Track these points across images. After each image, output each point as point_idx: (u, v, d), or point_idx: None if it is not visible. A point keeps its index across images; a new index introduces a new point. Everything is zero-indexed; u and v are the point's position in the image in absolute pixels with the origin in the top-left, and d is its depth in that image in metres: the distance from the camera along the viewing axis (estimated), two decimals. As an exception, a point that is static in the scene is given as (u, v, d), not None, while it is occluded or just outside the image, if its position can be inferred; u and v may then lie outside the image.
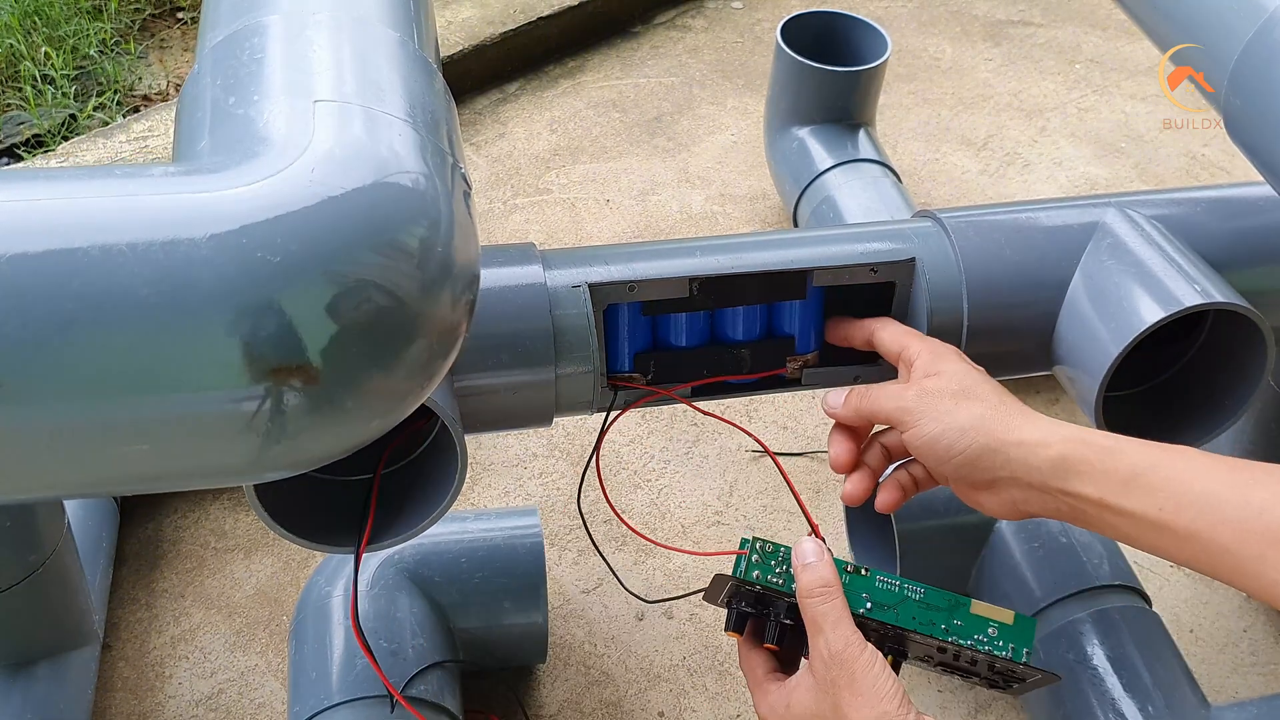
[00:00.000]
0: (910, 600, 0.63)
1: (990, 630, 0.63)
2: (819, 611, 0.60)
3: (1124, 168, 1.74)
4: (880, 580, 0.64)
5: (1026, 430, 0.62)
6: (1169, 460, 0.57)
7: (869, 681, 0.58)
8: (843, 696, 0.58)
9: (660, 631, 1.10)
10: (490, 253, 0.73)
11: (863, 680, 0.58)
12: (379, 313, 0.49)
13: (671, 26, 2.03)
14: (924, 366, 0.68)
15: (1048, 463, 0.60)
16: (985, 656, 0.62)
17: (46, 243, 0.44)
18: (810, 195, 1.41)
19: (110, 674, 1.05)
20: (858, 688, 0.58)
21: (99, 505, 1.11)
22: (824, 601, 0.60)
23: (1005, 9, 2.12)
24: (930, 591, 0.63)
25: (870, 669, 0.58)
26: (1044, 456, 0.60)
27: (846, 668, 0.58)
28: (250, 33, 0.59)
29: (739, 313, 0.77)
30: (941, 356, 0.69)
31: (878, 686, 0.58)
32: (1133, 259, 0.76)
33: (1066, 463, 0.60)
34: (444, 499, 0.66)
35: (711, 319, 0.78)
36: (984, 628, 0.63)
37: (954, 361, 0.68)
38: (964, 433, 0.63)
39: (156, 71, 1.87)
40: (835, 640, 0.59)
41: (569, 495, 1.22)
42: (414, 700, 0.85)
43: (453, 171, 0.56)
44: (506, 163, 1.70)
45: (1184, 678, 0.91)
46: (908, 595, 0.63)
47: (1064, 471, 0.60)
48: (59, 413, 0.46)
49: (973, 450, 0.63)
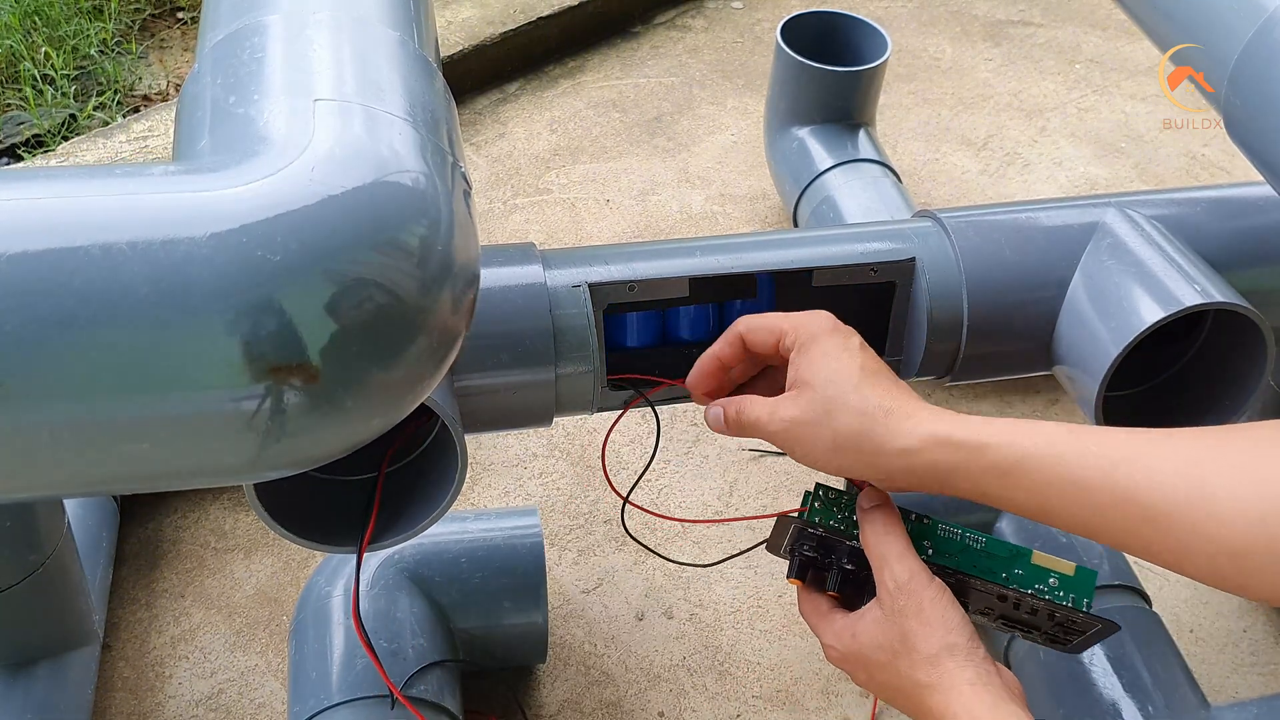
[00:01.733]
0: (971, 549, 0.63)
1: (1051, 580, 0.63)
2: (885, 543, 0.60)
3: (1124, 168, 1.74)
4: (942, 529, 0.64)
5: (897, 438, 0.60)
6: (1037, 451, 0.56)
7: (937, 612, 0.57)
8: (910, 626, 0.57)
9: (660, 631, 1.10)
10: (490, 253, 0.73)
11: (930, 610, 0.57)
12: (379, 312, 0.49)
13: (671, 26, 2.03)
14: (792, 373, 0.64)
15: (923, 468, 0.59)
16: (1045, 605, 0.62)
17: (47, 242, 0.44)
18: (810, 195, 1.41)
19: (110, 674, 1.05)
20: (925, 617, 0.57)
21: (99, 505, 1.10)
22: (888, 534, 0.60)
23: (1005, 9, 2.12)
24: (991, 541, 0.64)
25: (939, 600, 0.58)
26: (919, 463, 0.59)
27: (914, 597, 0.58)
28: (250, 32, 0.59)
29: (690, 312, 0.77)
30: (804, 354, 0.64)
31: (947, 617, 0.57)
32: (1133, 259, 0.76)
33: (939, 469, 0.59)
34: (444, 499, 0.66)
35: (663, 318, 0.78)
36: (1045, 577, 0.63)
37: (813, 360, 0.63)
38: (838, 452, 0.61)
39: (156, 71, 1.87)
40: (901, 571, 0.59)
41: (569, 495, 1.22)
42: (414, 700, 0.85)
43: (453, 171, 0.56)
44: (506, 163, 1.70)
45: (1184, 678, 0.91)
46: (969, 544, 0.64)
47: (941, 475, 0.59)
48: (59, 412, 0.46)
49: (854, 468, 0.61)
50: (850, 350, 0.64)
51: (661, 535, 1.18)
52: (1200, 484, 0.51)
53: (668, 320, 0.78)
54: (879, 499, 0.63)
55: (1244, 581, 0.50)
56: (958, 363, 0.79)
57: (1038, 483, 0.56)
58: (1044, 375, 0.82)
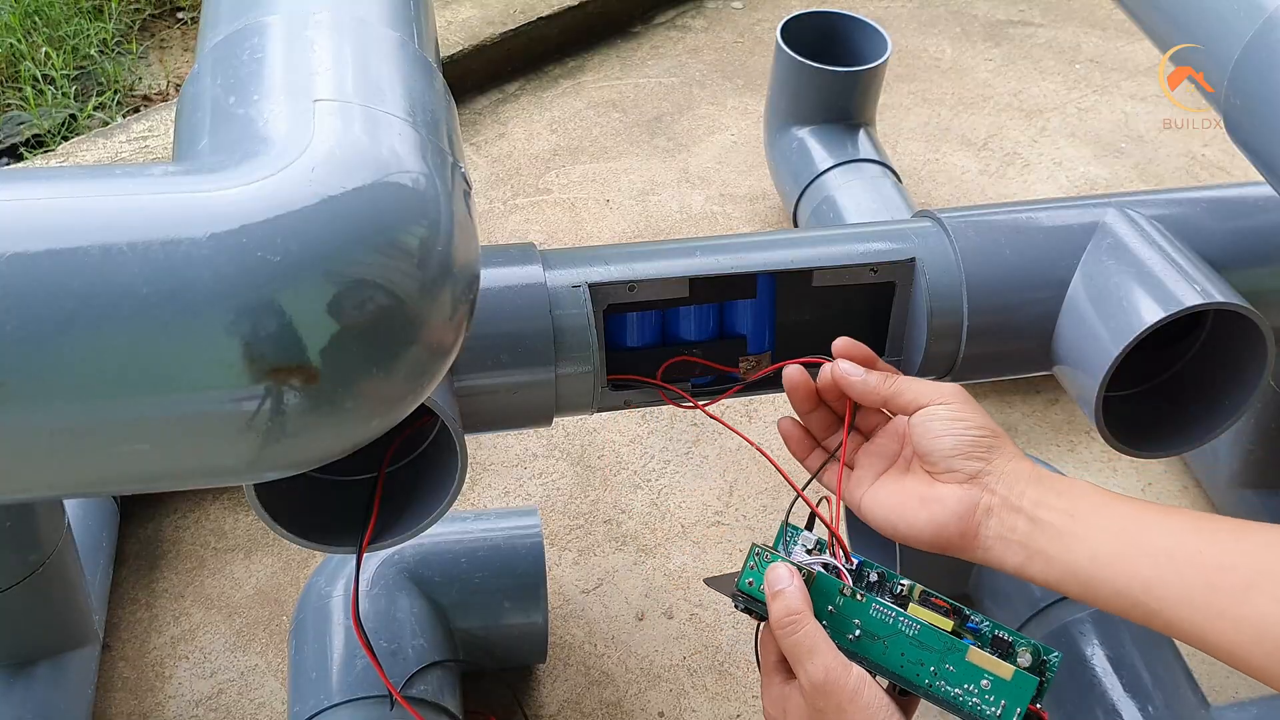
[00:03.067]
0: (903, 635, 0.60)
1: (984, 682, 0.58)
2: (793, 643, 0.58)
3: (1124, 168, 1.74)
4: (876, 609, 0.60)
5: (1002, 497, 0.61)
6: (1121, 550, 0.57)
7: (857, 711, 0.56)
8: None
9: (660, 631, 1.10)
10: (490, 253, 0.73)
11: (850, 709, 0.56)
12: (379, 312, 0.49)
13: (671, 26, 2.03)
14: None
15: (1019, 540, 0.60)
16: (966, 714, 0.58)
17: (47, 242, 0.44)
18: (810, 195, 1.41)
19: (110, 674, 1.05)
20: (847, 716, 0.56)
21: (99, 505, 1.11)
22: (794, 631, 0.58)
23: (1005, 9, 2.12)
24: (925, 629, 0.59)
25: (857, 697, 0.56)
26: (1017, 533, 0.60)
27: (832, 698, 0.56)
28: (250, 32, 0.59)
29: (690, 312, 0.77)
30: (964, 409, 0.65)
31: (869, 715, 0.55)
32: (1133, 259, 0.76)
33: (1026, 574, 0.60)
34: (444, 499, 0.66)
35: (663, 318, 0.78)
36: (977, 678, 0.58)
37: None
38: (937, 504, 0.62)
39: (156, 71, 1.87)
40: (815, 671, 0.57)
41: (569, 495, 1.22)
42: (414, 700, 0.85)
43: (453, 171, 0.56)
44: (506, 163, 1.70)
45: (1184, 678, 0.91)
46: (901, 629, 0.60)
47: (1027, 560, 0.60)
48: (59, 412, 0.46)
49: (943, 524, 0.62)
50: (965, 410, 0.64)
51: (662, 535, 1.18)
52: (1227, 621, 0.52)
53: (667, 321, 0.78)
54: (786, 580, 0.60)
55: None
56: (958, 363, 0.79)
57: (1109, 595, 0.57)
58: (1044, 375, 0.82)
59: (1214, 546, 0.54)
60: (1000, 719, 0.58)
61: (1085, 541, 0.58)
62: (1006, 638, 0.59)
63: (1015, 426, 1.32)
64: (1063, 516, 0.59)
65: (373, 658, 0.76)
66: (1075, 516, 0.59)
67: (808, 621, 0.58)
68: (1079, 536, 0.58)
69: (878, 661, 0.60)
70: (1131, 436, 0.78)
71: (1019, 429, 1.32)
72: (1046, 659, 0.59)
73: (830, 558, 0.63)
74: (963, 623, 0.60)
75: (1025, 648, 0.59)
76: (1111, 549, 0.57)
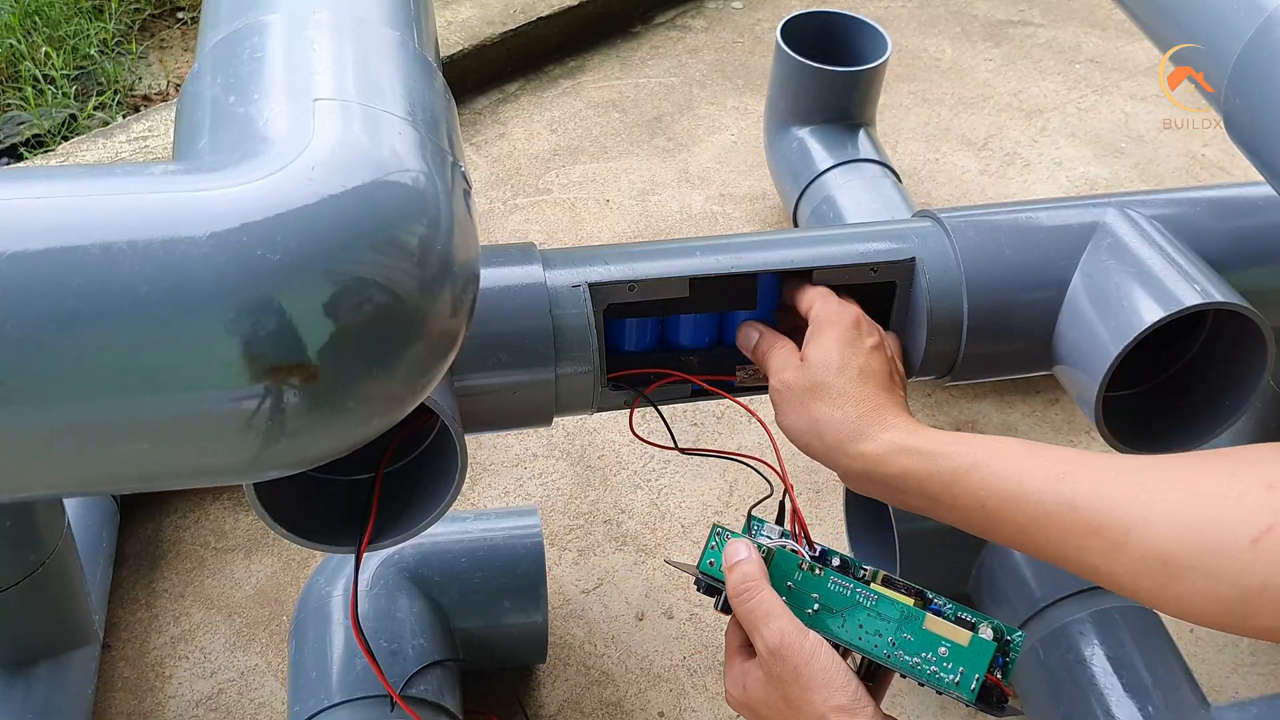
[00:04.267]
0: (861, 606, 0.60)
1: (941, 649, 0.58)
2: (748, 609, 0.59)
3: (1124, 168, 1.74)
4: (834, 582, 0.61)
5: (860, 440, 0.64)
6: (986, 459, 0.58)
7: (813, 674, 0.56)
8: (790, 691, 0.56)
9: (660, 631, 1.10)
10: (490, 253, 0.73)
11: (807, 673, 0.56)
12: (378, 311, 0.49)
13: (671, 26, 2.03)
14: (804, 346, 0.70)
15: (878, 474, 0.63)
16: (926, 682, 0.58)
17: (47, 241, 0.44)
18: (810, 195, 1.41)
19: (110, 674, 1.05)
20: (803, 682, 0.56)
21: (99, 505, 1.10)
22: (750, 597, 0.59)
23: (1005, 9, 2.12)
24: (883, 600, 0.60)
25: (813, 659, 0.56)
26: (874, 468, 0.63)
27: (788, 662, 0.57)
28: (250, 31, 0.59)
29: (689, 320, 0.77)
30: (816, 334, 0.69)
31: (827, 679, 0.56)
32: (1133, 259, 0.76)
33: (891, 474, 0.62)
34: (444, 499, 0.66)
35: (662, 324, 0.78)
36: (935, 645, 0.58)
37: (822, 345, 0.68)
38: (808, 434, 0.66)
39: (156, 71, 1.87)
40: (770, 635, 0.57)
41: (569, 495, 1.22)
42: (414, 700, 0.85)
43: (453, 170, 0.56)
44: (506, 163, 1.70)
45: (1184, 678, 0.91)
46: (859, 601, 0.60)
47: (893, 481, 0.62)
48: (59, 411, 0.46)
49: (816, 453, 0.66)
50: (858, 348, 0.68)
51: (662, 535, 1.18)
52: (1139, 489, 0.52)
53: (666, 328, 0.78)
54: (744, 552, 0.62)
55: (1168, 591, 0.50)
56: (958, 363, 0.79)
57: (984, 490, 0.58)
58: (1044, 375, 0.82)
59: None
60: (959, 685, 0.58)
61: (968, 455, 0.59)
62: (969, 618, 0.60)
63: (1015, 426, 1.32)
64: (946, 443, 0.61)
65: (371, 659, 0.76)
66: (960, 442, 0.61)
67: (763, 588, 0.60)
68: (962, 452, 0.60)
69: (837, 634, 0.60)
70: (1131, 436, 0.78)
71: (1019, 429, 1.32)
72: (1010, 638, 0.59)
73: (790, 540, 0.64)
74: (925, 604, 0.61)
75: (987, 624, 0.59)
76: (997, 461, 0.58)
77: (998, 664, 0.58)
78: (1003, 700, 0.58)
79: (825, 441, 0.65)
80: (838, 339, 0.68)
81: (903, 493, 0.62)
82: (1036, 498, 0.55)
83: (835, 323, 0.69)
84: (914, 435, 0.62)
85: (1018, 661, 0.59)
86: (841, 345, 0.68)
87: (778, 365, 0.70)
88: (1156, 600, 0.51)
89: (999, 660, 0.58)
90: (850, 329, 0.69)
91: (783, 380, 0.68)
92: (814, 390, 0.66)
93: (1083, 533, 0.53)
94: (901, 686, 1.03)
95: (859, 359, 0.67)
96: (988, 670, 0.57)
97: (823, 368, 0.67)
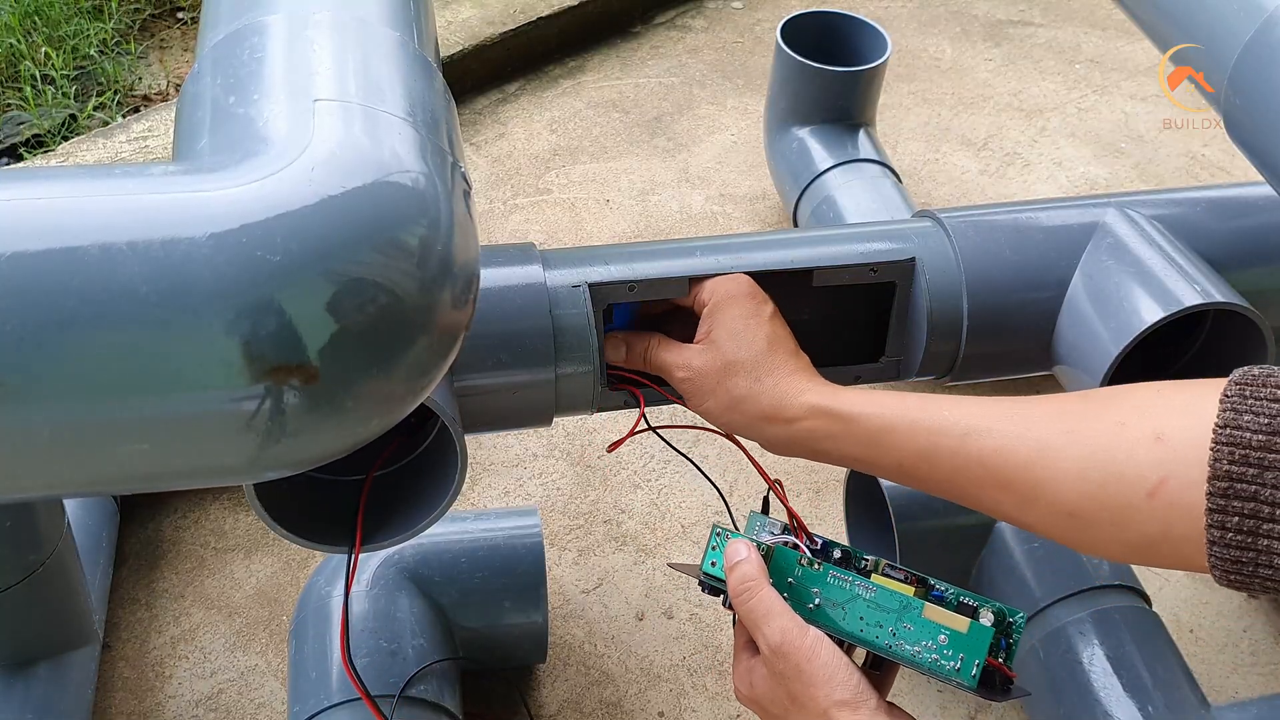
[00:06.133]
0: (860, 599, 0.60)
1: (941, 637, 0.58)
2: (748, 609, 0.60)
3: (1124, 168, 1.74)
4: (834, 576, 0.61)
5: (780, 407, 0.65)
6: (898, 423, 0.61)
7: (815, 670, 0.56)
8: (793, 687, 0.57)
9: (660, 631, 1.10)
10: (490, 253, 0.73)
11: (809, 669, 0.56)
12: (379, 312, 0.49)
13: (671, 26, 2.03)
14: (704, 327, 0.70)
15: (801, 436, 0.65)
16: (927, 672, 0.59)
17: (47, 242, 0.44)
18: (810, 195, 1.41)
19: (110, 674, 1.05)
20: (805, 678, 0.56)
21: (99, 505, 1.10)
22: (750, 597, 0.60)
23: (1005, 9, 2.12)
24: (882, 591, 0.60)
25: (814, 656, 0.57)
26: (796, 432, 0.65)
27: (790, 659, 0.57)
28: (250, 32, 0.59)
29: None
30: (716, 312, 0.70)
31: (829, 674, 0.56)
32: (1133, 259, 0.76)
33: (814, 437, 0.64)
34: (444, 499, 0.66)
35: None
36: (935, 634, 0.59)
37: (726, 322, 0.69)
38: (729, 411, 0.67)
39: (156, 71, 1.87)
40: (772, 634, 0.58)
41: (569, 495, 1.22)
42: (413, 700, 0.85)
43: (453, 171, 0.56)
44: (506, 163, 1.70)
45: (1184, 678, 0.91)
46: (858, 593, 0.61)
47: (815, 443, 0.65)
48: (59, 412, 0.46)
49: (740, 428, 0.68)
50: (760, 317, 0.69)
51: (662, 535, 1.18)
52: (1041, 450, 0.54)
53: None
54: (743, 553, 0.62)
55: (1079, 538, 0.54)
56: (958, 362, 0.79)
57: (899, 452, 0.61)
58: (1044, 375, 0.82)
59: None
60: (959, 673, 0.58)
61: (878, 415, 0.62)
62: (971, 602, 0.60)
63: (1015, 426, 1.32)
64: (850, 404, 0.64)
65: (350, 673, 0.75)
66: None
67: (763, 588, 0.60)
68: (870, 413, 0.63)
69: (839, 627, 0.61)
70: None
71: (1019, 429, 1.32)
72: (1012, 620, 0.59)
73: (790, 536, 0.64)
74: (926, 591, 0.61)
75: (988, 608, 0.59)
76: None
77: (1000, 647, 0.59)
78: (1006, 683, 0.59)
79: (748, 415, 0.67)
80: (740, 314, 0.69)
81: (825, 454, 0.65)
82: (949, 457, 0.58)
83: (733, 296, 0.70)
84: (831, 398, 0.64)
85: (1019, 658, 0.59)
86: (746, 319, 0.69)
87: (674, 359, 0.70)
88: (1072, 545, 0.55)
89: (1001, 643, 0.59)
90: (748, 300, 0.70)
91: (691, 369, 0.68)
92: (729, 368, 0.67)
93: (995, 487, 0.56)
94: (899, 688, 1.03)
95: (764, 328, 0.68)
96: (988, 654, 0.58)
97: (732, 344, 0.68)
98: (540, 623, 0.97)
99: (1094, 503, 0.52)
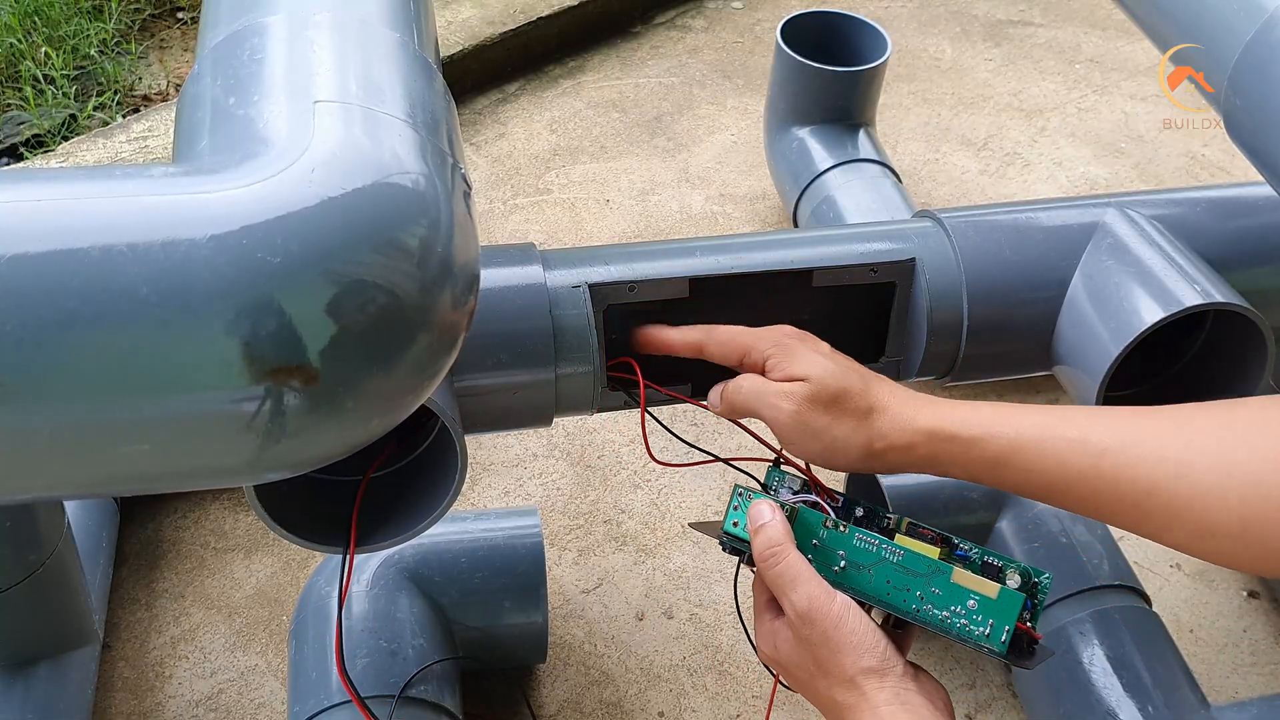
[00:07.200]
0: (888, 562, 0.60)
1: (970, 602, 0.58)
2: (776, 574, 0.59)
3: (1124, 168, 1.74)
4: (859, 538, 0.61)
5: (893, 434, 0.62)
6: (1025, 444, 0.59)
7: (843, 637, 0.56)
8: (820, 653, 0.57)
9: (660, 631, 1.10)
10: (490, 253, 0.73)
11: (836, 635, 0.56)
12: (379, 313, 0.49)
13: (671, 26, 2.03)
14: (782, 367, 0.65)
15: (920, 461, 0.62)
16: (955, 639, 0.58)
17: (47, 243, 0.44)
18: (810, 195, 1.41)
19: (110, 674, 1.05)
20: (832, 644, 0.56)
21: (99, 505, 1.11)
22: (777, 563, 0.59)
23: (1005, 9, 2.12)
24: (910, 555, 0.60)
25: (842, 623, 0.56)
26: (916, 457, 0.62)
27: (817, 626, 0.57)
28: (250, 33, 0.59)
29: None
30: (794, 356, 0.65)
31: (856, 640, 0.56)
32: (1133, 259, 0.76)
33: (935, 461, 0.62)
34: (444, 499, 0.66)
35: None
36: (964, 599, 0.58)
37: (811, 360, 0.65)
38: (841, 450, 0.63)
39: (156, 71, 1.87)
40: (798, 600, 0.58)
41: (569, 495, 1.22)
42: (413, 700, 0.85)
43: (453, 171, 0.56)
44: (506, 163, 1.70)
45: (1184, 678, 0.91)
46: (885, 556, 0.60)
47: (937, 466, 0.62)
48: (59, 412, 0.46)
49: (852, 463, 0.63)
50: (832, 354, 0.67)
51: (662, 535, 1.18)
52: (1180, 469, 0.54)
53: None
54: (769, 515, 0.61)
55: (1222, 556, 0.54)
56: (958, 363, 0.79)
57: (1028, 473, 0.59)
58: (1044, 375, 0.82)
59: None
60: (989, 638, 0.58)
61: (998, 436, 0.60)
62: (996, 562, 0.60)
63: (1015, 426, 1.32)
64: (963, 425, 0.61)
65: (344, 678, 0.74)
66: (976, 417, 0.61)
67: (789, 553, 0.59)
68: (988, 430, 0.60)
69: (864, 590, 0.60)
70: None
71: (1019, 429, 1.32)
72: (1038, 580, 0.59)
73: (813, 495, 0.64)
74: (950, 551, 0.61)
75: (1014, 569, 0.59)
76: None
77: (1026, 608, 0.58)
78: (1032, 644, 0.59)
79: (852, 453, 0.63)
80: (810, 352, 0.65)
81: (946, 474, 0.63)
82: (1079, 480, 0.57)
83: (789, 340, 0.66)
84: (946, 419, 0.61)
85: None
86: (821, 356, 0.65)
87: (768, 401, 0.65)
88: (1200, 556, 0.55)
89: (1027, 604, 0.58)
90: (805, 339, 0.67)
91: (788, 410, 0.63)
92: (835, 401, 0.63)
93: (1133, 509, 0.56)
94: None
95: (841, 360, 0.66)
96: (1017, 620, 0.58)
97: (828, 376, 0.63)
98: (540, 623, 0.97)
99: (1234, 521, 0.52)
